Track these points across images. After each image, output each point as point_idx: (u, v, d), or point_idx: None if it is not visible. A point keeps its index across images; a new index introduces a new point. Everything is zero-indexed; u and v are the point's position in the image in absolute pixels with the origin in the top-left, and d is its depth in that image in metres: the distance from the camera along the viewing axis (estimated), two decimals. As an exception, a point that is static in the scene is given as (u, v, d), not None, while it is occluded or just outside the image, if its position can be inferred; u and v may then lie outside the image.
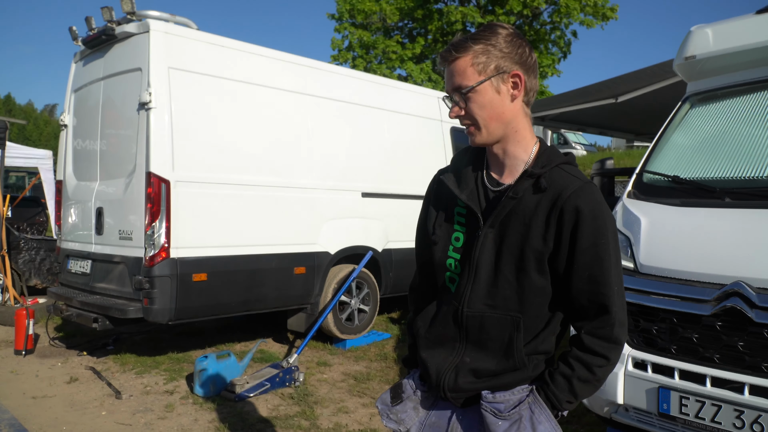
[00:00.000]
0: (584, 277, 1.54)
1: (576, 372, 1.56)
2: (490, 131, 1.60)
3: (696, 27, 4.18)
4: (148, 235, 5.03)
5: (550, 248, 1.56)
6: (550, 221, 1.55)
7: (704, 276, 2.99)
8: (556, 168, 1.60)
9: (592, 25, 19.61)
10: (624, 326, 1.57)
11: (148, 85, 5.08)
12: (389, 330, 7.09)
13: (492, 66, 1.56)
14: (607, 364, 1.57)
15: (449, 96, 1.62)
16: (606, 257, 1.53)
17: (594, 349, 1.56)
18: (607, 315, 1.55)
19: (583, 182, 1.57)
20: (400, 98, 7.22)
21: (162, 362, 5.67)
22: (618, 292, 1.56)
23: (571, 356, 1.59)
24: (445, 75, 1.62)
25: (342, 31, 20.93)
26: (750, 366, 2.74)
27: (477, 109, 1.58)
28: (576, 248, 1.53)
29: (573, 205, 1.53)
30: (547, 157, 1.63)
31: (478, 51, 1.56)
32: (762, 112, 3.69)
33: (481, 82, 1.56)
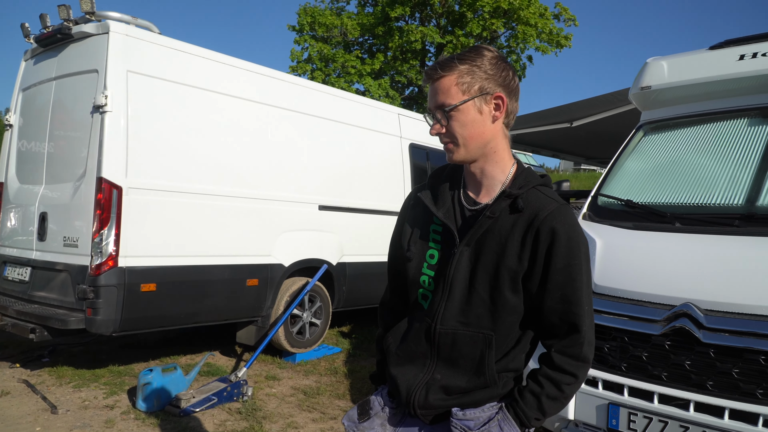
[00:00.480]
0: (557, 297, 1.57)
1: (545, 390, 1.58)
2: (469, 150, 1.62)
3: (652, 59, 4.34)
4: (96, 242, 4.86)
5: (524, 268, 1.58)
6: (526, 241, 1.57)
7: (655, 297, 3.08)
8: (533, 189, 1.63)
9: (547, 52, 20.15)
10: (592, 345, 1.61)
11: (105, 88, 4.94)
12: (340, 344, 7.02)
13: (476, 86, 1.59)
14: (576, 382, 1.59)
15: (431, 113, 1.63)
16: (578, 278, 1.56)
17: (563, 367, 1.58)
18: (577, 334, 1.58)
19: (559, 204, 1.60)
20: (360, 112, 7.23)
21: (102, 375, 5.45)
22: (588, 312, 1.59)
23: (540, 374, 1.61)
24: (429, 92, 1.63)
25: (302, 43, 20.88)
26: (696, 384, 2.82)
27: (458, 127, 1.59)
28: (550, 268, 1.56)
29: (549, 227, 1.55)
30: (524, 178, 1.65)
31: (463, 71, 1.58)
32: (711, 143, 3.85)
33: (464, 102, 1.58)
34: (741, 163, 3.59)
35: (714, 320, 2.80)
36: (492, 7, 18.67)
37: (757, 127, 3.72)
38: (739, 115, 3.88)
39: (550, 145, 9.31)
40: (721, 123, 3.95)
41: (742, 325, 2.71)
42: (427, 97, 1.65)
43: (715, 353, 2.77)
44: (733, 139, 3.77)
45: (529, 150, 9.44)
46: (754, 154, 3.57)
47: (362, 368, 6.06)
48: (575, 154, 10.49)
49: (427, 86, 1.66)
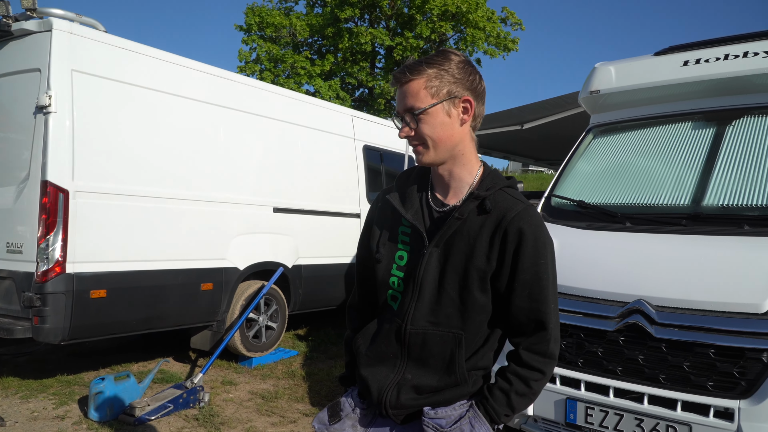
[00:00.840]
0: (524, 295, 1.61)
1: (514, 386, 1.62)
2: (438, 152, 1.64)
3: (600, 64, 4.48)
4: (42, 248, 4.68)
5: (493, 267, 1.61)
6: (494, 241, 1.61)
7: (608, 294, 3.19)
8: (499, 191, 1.67)
9: (495, 55, 20.49)
10: (558, 342, 1.66)
11: (48, 88, 4.76)
12: (296, 347, 6.98)
13: (444, 90, 1.61)
14: (543, 378, 1.64)
15: (400, 116, 1.65)
16: (545, 276, 1.61)
17: (531, 364, 1.62)
18: (544, 331, 1.62)
19: (525, 205, 1.64)
20: (314, 114, 7.20)
21: (50, 385, 5.26)
22: (554, 310, 1.64)
23: (509, 371, 1.65)
24: (397, 96, 1.65)
25: (250, 43, 20.62)
26: (649, 378, 2.94)
27: (427, 130, 1.61)
28: (518, 268, 1.60)
29: (516, 227, 1.59)
30: (491, 180, 1.69)
31: (431, 75, 1.60)
32: (658, 146, 4.01)
33: (433, 105, 1.60)
34: (687, 165, 3.76)
35: (665, 316, 2.93)
36: (441, 10, 18.87)
37: (701, 130, 3.90)
38: (684, 118, 4.06)
39: (501, 146, 9.49)
40: (667, 126, 4.12)
41: (692, 320, 2.84)
42: (396, 100, 1.67)
43: (667, 348, 2.89)
44: (679, 141, 3.94)
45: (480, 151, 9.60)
46: (699, 156, 3.74)
47: (320, 371, 6.05)
48: (525, 156, 10.73)
49: (394, 89, 1.67)
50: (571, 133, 6.53)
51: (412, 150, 1.68)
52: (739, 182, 3.44)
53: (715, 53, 3.89)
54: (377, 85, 19.86)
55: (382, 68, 21.23)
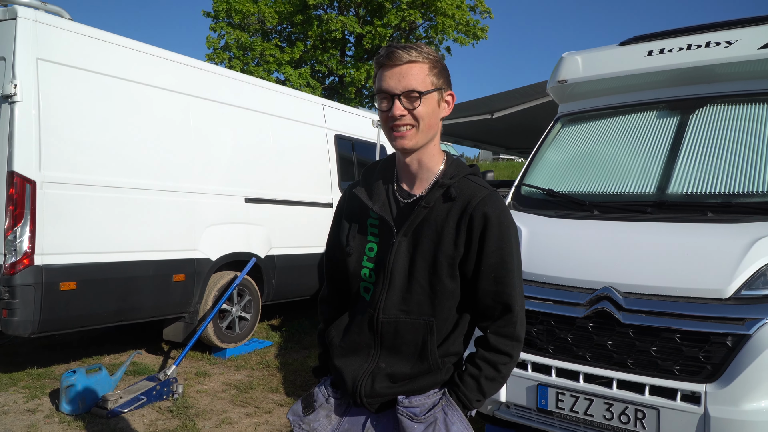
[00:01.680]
0: (490, 279, 1.65)
1: (483, 372, 1.66)
2: (423, 136, 1.67)
3: (567, 54, 4.54)
4: (9, 240, 4.60)
5: (461, 253, 1.66)
6: (460, 228, 1.65)
7: (577, 281, 3.26)
8: (463, 178, 1.71)
9: (465, 43, 20.59)
10: (524, 325, 1.71)
11: (13, 77, 4.66)
12: (270, 337, 6.98)
13: (441, 80, 1.67)
14: (511, 362, 1.68)
15: (393, 96, 1.62)
16: (509, 260, 1.66)
17: (499, 347, 1.67)
18: (510, 314, 1.67)
19: (489, 191, 1.69)
20: (285, 103, 7.17)
21: (20, 379, 5.18)
22: (519, 293, 1.69)
23: (477, 357, 1.69)
24: (392, 74, 1.62)
25: (218, 30, 20.34)
26: (617, 363, 3.02)
27: (424, 113, 1.63)
28: (483, 251, 1.64)
29: (481, 212, 1.64)
30: (455, 168, 1.73)
31: (434, 62, 1.65)
32: (625, 134, 4.09)
33: (433, 91, 1.64)
34: (652, 153, 3.84)
35: (632, 302, 3.01)
36: (410, -2, 18.86)
37: (666, 119, 3.99)
38: (649, 107, 4.14)
39: (471, 135, 9.56)
40: (632, 115, 4.20)
41: (658, 306, 2.93)
42: (385, 79, 1.63)
43: (635, 333, 2.97)
44: (644, 130, 4.02)
45: (451, 140, 9.67)
46: (664, 144, 3.83)
47: (294, 361, 6.06)
48: (495, 145, 10.82)
49: (382, 67, 1.64)
50: (540, 122, 6.61)
51: (393, 134, 1.66)
52: (703, 170, 3.54)
53: (679, 43, 3.97)
54: (347, 73, 19.78)
55: (352, 56, 21.14)
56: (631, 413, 2.90)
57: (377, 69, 1.67)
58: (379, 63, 1.66)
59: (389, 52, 1.63)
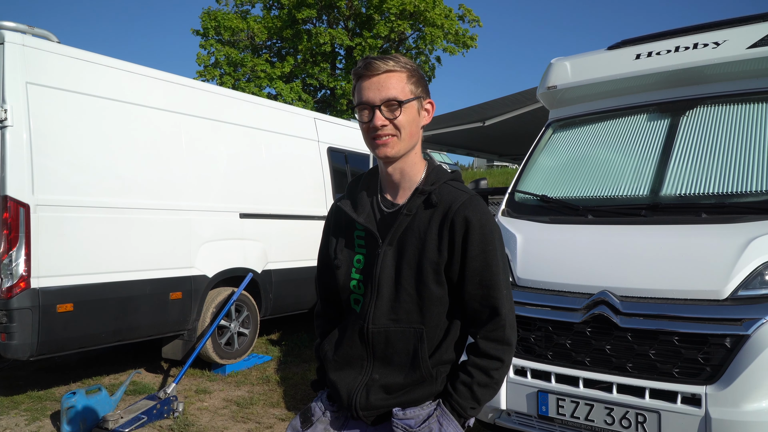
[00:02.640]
0: (476, 282, 1.66)
1: (475, 378, 1.66)
2: (405, 145, 1.68)
3: (556, 59, 4.57)
4: (5, 264, 4.59)
5: (445, 258, 1.66)
6: (443, 233, 1.66)
7: (574, 287, 3.27)
8: (444, 184, 1.73)
9: (455, 52, 20.70)
10: (514, 328, 1.70)
11: (3, 101, 4.66)
12: (270, 352, 6.95)
13: (419, 89, 1.69)
14: (502, 367, 1.68)
15: (373, 106, 1.64)
16: (494, 262, 1.66)
17: (489, 352, 1.66)
18: (498, 317, 1.67)
19: (470, 195, 1.70)
20: (277, 118, 7.18)
21: (21, 402, 5.15)
22: (507, 296, 1.69)
23: (468, 364, 1.69)
24: (371, 84, 1.64)
25: (208, 47, 20.40)
26: (617, 367, 3.02)
27: (405, 121, 1.65)
28: (467, 255, 1.65)
29: (462, 216, 1.65)
30: (435, 174, 1.75)
31: (411, 71, 1.67)
32: (616, 138, 4.11)
33: (412, 99, 1.66)
34: (644, 156, 3.86)
35: (629, 306, 3.02)
36: (398, 9, 18.97)
37: (656, 122, 4.02)
38: (639, 110, 4.17)
39: (464, 143, 9.59)
40: (623, 119, 4.23)
41: (656, 308, 2.94)
42: (364, 90, 1.65)
43: (633, 337, 2.98)
44: (636, 133, 4.04)
45: (444, 149, 9.70)
46: (655, 147, 3.85)
47: (294, 375, 6.04)
48: (488, 152, 10.84)
49: (365, 76, 1.65)
50: (532, 128, 6.64)
51: (375, 143, 1.67)
52: (695, 171, 3.55)
53: (666, 45, 4.00)
54: (339, 85, 19.84)
55: (342, 69, 21.21)
56: (632, 417, 2.90)
57: (356, 81, 1.69)
58: (357, 74, 1.67)
59: (367, 63, 1.65)
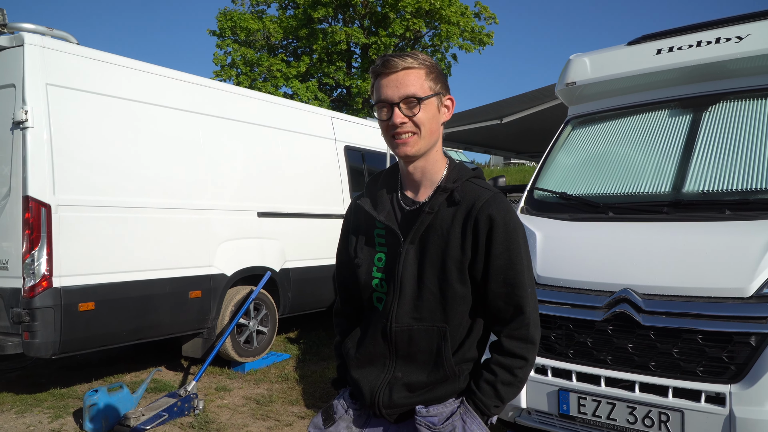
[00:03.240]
0: (500, 281, 1.64)
1: (499, 377, 1.65)
2: (425, 143, 1.67)
3: (575, 56, 4.53)
4: (27, 263, 4.65)
5: (468, 257, 1.64)
6: (466, 231, 1.64)
7: (595, 284, 3.24)
8: (466, 182, 1.71)
9: (471, 50, 20.61)
10: (538, 327, 1.68)
11: (24, 103, 4.73)
12: (288, 350, 6.98)
13: (439, 85, 1.67)
14: (526, 365, 1.66)
15: (393, 103, 1.63)
16: (518, 261, 1.64)
17: (513, 351, 1.65)
18: (522, 315, 1.65)
19: (493, 193, 1.68)
20: (293, 117, 7.21)
21: (44, 399, 5.23)
22: (531, 294, 1.67)
23: (492, 362, 1.68)
24: (390, 82, 1.63)
25: (224, 47, 20.51)
26: (639, 365, 2.99)
27: (424, 119, 1.63)
28: (491, 254, 1.63)
29: (486, 214, 1.63)
30: (457, 172, 1.73)
31: (430, 68, 1.65)
32: (637, 134, 4.06)
33: (432, 96, 1.64)
34: (665, 153, 3.81)
35: (652, 304, 2.98)
36: (414, 8, 18.92)
37: (678, 118, 3.97)
38: (661, 106, 4.12)
39: (481, 141, 9.54)
40: (644, 115, 4.18)
41: (679, 306, 2.90)
42: (383, 87, 1.64)
43: (655, 335, 2.94)
44: (657, 129, 4.00)
45: (461, 147, 9.65)
46: (677, 143, 3.80)
47: (313, 373, 6.06)
48: (506, 150, 10.78)
49: (379, 77, 1.65)
50: (550, 125, 6.59)
51: (395, 141, 1.66)
52: (718, 167, 3.50)
53: (688, 40, 3.95)
54: (354, 84, 19.85)
55: (358, 67, 21.22)
56: (654, 416, 2.87)
57: (374, 79, 1.68)
58: (376, 72, 1.66)
59: (385, 60, 1.64)
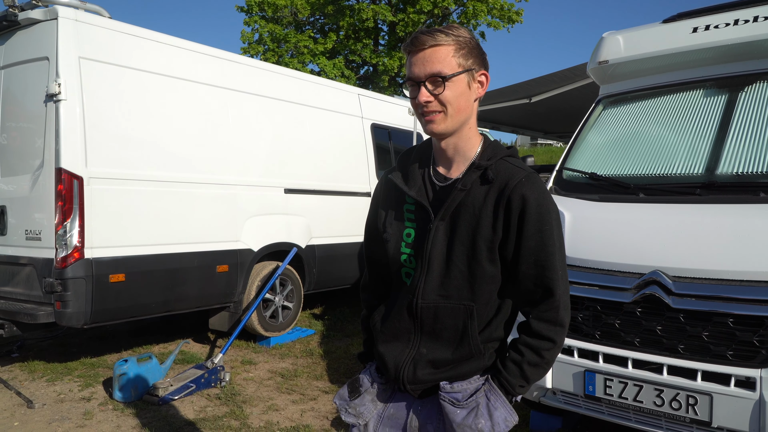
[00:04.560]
0: (531, 262, 1.62)
1: (526, 357, 1.64)
2: (454, 121, 1.64)
3: (608, 33, 4.44)
4: (60, 234, 4.75)
5: (499, 236, 1.62)
6: (498, 210, 1.62)
7: (625, 266, 3.20)
8: (501, 160, 1.68)
9: (499, 27, 20.28)
10: (568, 309, 1.66)
11: (57, 76, 4.79)
12: (313, 326, 7.07)
13: (470, 61, 1.62)
14: (554, 347, 1.65)
15: (419, 81, 1.61)
16: (550, 243, 1.61)
17: (541, 333, 1.63)
18: (552, 298, 1.63)
19: (527, 172, 1.65)
20: (322, 94, 7.20)
21: (75, 368, 5.37)
22: (562, 276, 1.64)
23: (520, 342, 1.67)
24: (417, 60, 1.61)
25: (252, 24, 20.46)
26: (668, 348, 2.96)
27: (451, 96, 1.60)
28: (523, 234, 1.61)
29: (519, 194, 1.60)
30: (492, 150, 1.70)
31: (460, 43, 1.60)
32: (670, 115, 3.98)
33: (460, 73, 1.60)
34: (699, 133, 3.73)
35: (682, 286, 2.94)
36: (443, -16, 18.65)
37: (713, 98, 3.87)
38: (695, 86, 4.02)
39: (509, 121, 9.44)
40: (678, 95, 4.09)
41: (710, 289, 2.86)
42: (412, 65, 1.62)
43: (685, 318, 2.91)
44: (691, 110, 3.91)
45: (488, 126, 9.55)
46: (712, 124, 3.72)
47: (337, 349, 6.13)
48: (534, 129, 10.66)
49: (409, 54, 1.63)
50: (580, 105, 6.49)
51: (423, 119, 1.65)
52: (754, 149, 3.42)
53: (725, 19, 3.84)
54: (381, 62, 19.72)
55: (385, 45, 21.05)
56: (682, 399, 2.85)
57: (406, 55, 1.65)
58: (406, 50, 1.64)
59: (414, 37, 1.61)
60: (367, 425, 1.82)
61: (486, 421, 1.63)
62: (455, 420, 1.65)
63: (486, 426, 1.63)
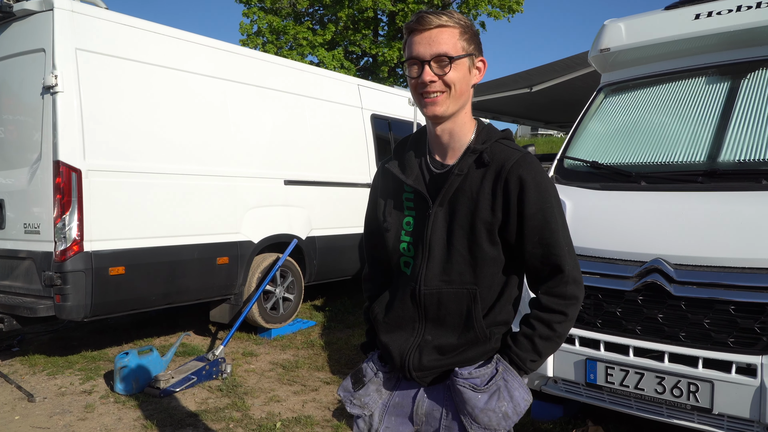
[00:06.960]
0: (535, 242, 1.61)
1: (537, 331, 1.62)
2: (454, 103, 1.63)
3: (609, 21, 4.40)
4: (58, 228, 4.74)
5: (499, 219, 1.62)
6: (496, 193, 1.61)
7: (626, 254, 3.19)
8: (496, 143, 1.67)
9: (500, 17, 20.18)
10: (579, 283, 1.64)
11: (54, 68, 4.76)
12: (314, 317, 7.06)
13: (473, 46, 1.63)
14: (566, 320, 1.63)
15: (424, 60, 1.59)
16: (552, 220, 1.60)
17: (551, 307, 1.62)
18: (561, 274, 1.61)
19: (522, 153, 1.64)
20: (321, 85, 7.17)
21: (75, 362, 5.37)
22: (569, 252, 1.62)
23: (531, 317, 1.66)
24: (422, 39, 1.59)
25: (251, 15, 20.38)
26: (669, 336, 2.95)
27: (455, 79, 1.60)
28: (524, 215, 1.60)
29: (516, 175, 1.59)
30: (486, 133, 1.70)
31: (464, 27, 1.61)
32: (672, 102, 3.95)
33: (464, 56, 1.60)
34: (701, 121, 3.71)
35: (684, 274, 2.93)
36: (443, -27, 18.54)
37: (716, 85, 3.84)
38: (698, 73, 3.99)
39: (509, 111, 9.40)
40: (680, 82, 4.06)
41: (711, 277, 2.84)
42: (414, 44, 1.60)
43: (686, 305, 2.90)
44: (693, 97, 3.88)
45: (489, 116, 9.50)
46: (714, 111, 3.69)
47: (338, 340, 6.12)
48: (535, 119, 10.61)
49: (411, 33, 1.61)
50: (581, 94, 6.45)
51: (423, 100, 1.63)
52: (756, 136, 3.40)
53: (728, 5, 3.81)
54: (381, 52, 19.64)
55: (384, 35, 20.96)
56: (683, 386, 2.84)
57: (407, 35, 1.64)
58: (409, 28, 1.62)
59: (419, 17, 1.59)
60: (372, 415, 1.81)
61: (508, 403, 1.63)
62: (477, 405, 1.63)
63: (509, 408, 1.63)
